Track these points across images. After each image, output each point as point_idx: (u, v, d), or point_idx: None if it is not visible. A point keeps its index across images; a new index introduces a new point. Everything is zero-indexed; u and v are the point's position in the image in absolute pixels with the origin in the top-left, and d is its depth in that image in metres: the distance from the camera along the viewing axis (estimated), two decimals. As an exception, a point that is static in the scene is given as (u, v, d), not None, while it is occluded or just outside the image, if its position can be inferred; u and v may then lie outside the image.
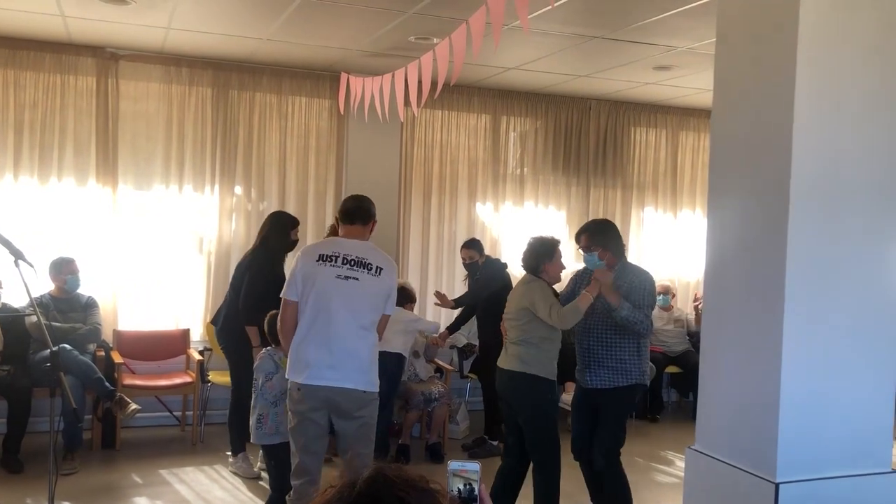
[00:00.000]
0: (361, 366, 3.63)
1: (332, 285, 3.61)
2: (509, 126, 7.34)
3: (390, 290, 3.73)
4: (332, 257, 3.65)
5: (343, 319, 3.60)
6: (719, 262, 2.56)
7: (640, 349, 4.10)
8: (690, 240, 7.77)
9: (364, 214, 3.78)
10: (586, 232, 4.25)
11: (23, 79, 5.89)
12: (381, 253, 3.78)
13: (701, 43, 5.17)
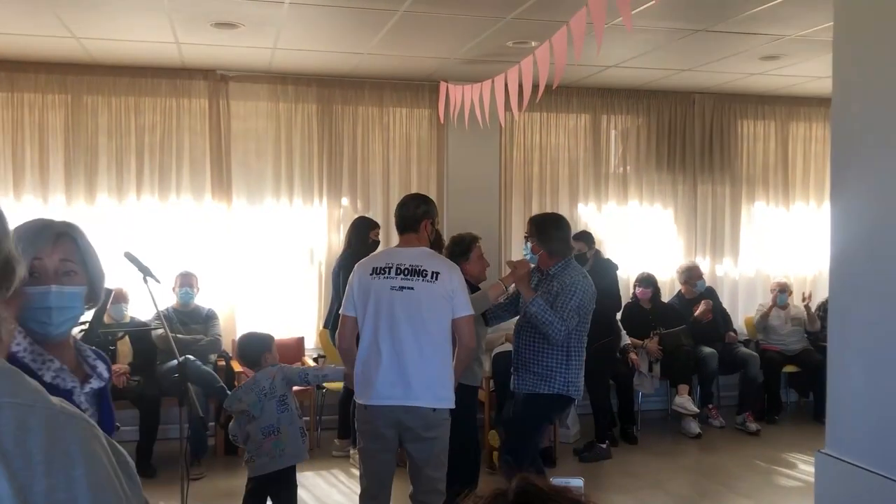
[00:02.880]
0: (429, 381, 3.41)
1: (388, 298, 3.45)
2: (610, 124, 7.25)
3: (452, 292, 3.45)
4: (385, 269, 3.50)
5: (403, 332, 3.43)
6: (845, 257, 2.46)
7: (568, 358, 3.87)
8: (805, 234, 7.46)
9: (410, 222, 3.60)
10: (530, 222, 4.23)
11: (142, 104, 6.23)
12: (438, 258, 3.62)
13: (811, 30, 4.97)
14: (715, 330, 6.86)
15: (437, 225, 3.88)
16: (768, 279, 7.42)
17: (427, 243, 3.64)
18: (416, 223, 3.59)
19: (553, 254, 3.99)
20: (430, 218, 3.64)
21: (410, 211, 3.61)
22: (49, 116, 6.07)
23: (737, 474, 5.51)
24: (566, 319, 3.79)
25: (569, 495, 1.03)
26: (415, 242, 3.59)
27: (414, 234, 3.60)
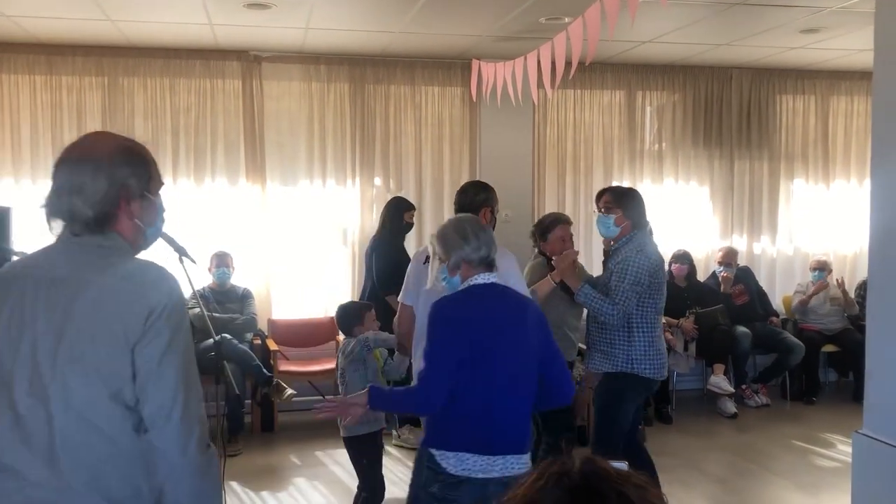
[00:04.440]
0: None
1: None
2: (645, 101, 7.15)
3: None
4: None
5: None
6: (885, 235, 2.40)
7: (630, 334, 3.75)
8: (846, 211, 7.31)
9: (469, 209, 3.60)
10: (609, 192, 4.03)
11: (177, 85, 6.28)
12: None
13: (852, 1, 4.84)
14: (752, 309, 6.78)
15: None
16: (807, 257, 7.29)
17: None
18: (476, 210, 3.59)
19: (635, 225, 3.88)
20: (490, 205, 3.65)
21: (469, 198, 3.64)
22: (87, 99, 6.16)
23: (773, 454, 5.46)
24: (618, 302, 3.70)
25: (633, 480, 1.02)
26: None
27: None
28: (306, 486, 4.96)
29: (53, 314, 1.66)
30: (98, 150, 1.75)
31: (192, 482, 1.68)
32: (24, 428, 1.65)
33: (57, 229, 1.75)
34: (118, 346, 1.63)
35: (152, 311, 1.65)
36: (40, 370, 1.64)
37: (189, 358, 1.71)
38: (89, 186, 1.70)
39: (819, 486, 4.86)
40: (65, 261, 1.72)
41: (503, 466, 2.49)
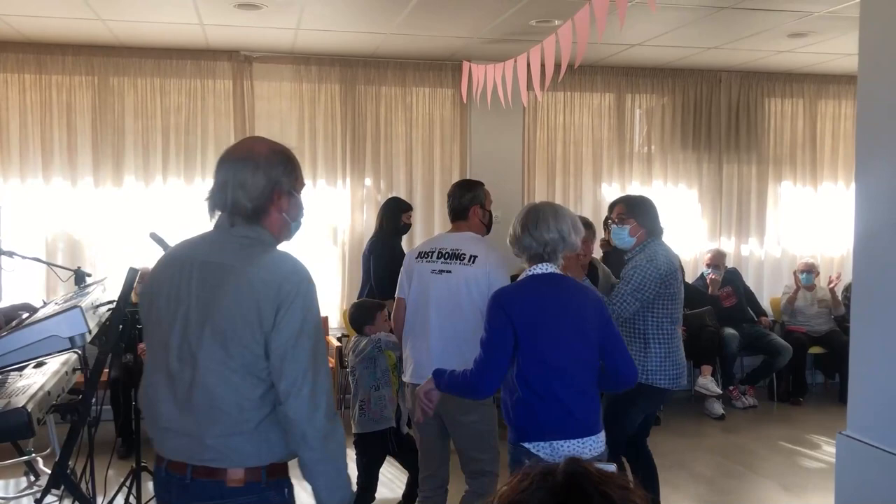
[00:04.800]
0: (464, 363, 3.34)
1: (429, 281, 3.55)
2: (634, 104, 7.18)
3: (488, 275, 3.44)
4: (429, 254, 3.60)
5: (440, 315, 3.49)
6: (870, 237, 2.43)
7: (646, 346, 3.72)
8: (833, 214, 7.37)
9: (459, 211, 3.66)
10: (622, 203, 3.97)
11: (167, 85, 6.28)
12: (480, 241, 3.61)
13: (840, 6, 4.88)
14: (740, 311, 6.82)
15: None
16: (795, 260, 7.35)
17: (479, 227, 3.69)
18: (465, 211, 3.66)
19: (650, 232, 3.84)
20: (478, 203, 3.68)
21: (456, 201, 3.68)
22: (76, 98, 6.15)
23: (760, 455, 5.50)
24: (614, 303, 3.68)
25: (617, 481, 1.03)
26: (463, 228, 3.66)
27: (463, 221, 3.67)
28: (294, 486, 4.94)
29: (203, 292, 1.95)
30: (257, 152, 2.04)
31: (319, 448, 1.93)
32: (174, 385, 1.97)
33: (216, 220, 2.07)
34: (253, 328, 1.89)
35: (284, 300, 1.90)
36: (189, 339, 1.94)
37: (318, 339, 1.96)
38: (250, 182, 1.99)
39: (805, 487, 4.90)
40: (218, 248, 2.01)
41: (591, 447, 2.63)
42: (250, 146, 2.10)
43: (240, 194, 1.99)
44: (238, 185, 1.99)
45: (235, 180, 2.00)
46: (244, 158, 2.03)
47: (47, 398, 3.20)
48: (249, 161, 2.02)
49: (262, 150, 2.05)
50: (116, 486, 4.08)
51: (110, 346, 3.39)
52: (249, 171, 2.01)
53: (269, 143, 2.11)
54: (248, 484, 1.94)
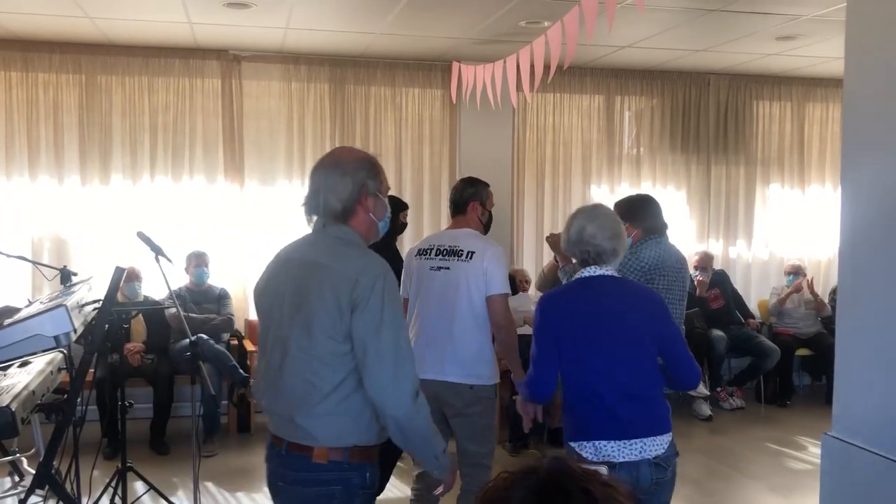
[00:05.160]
0: (465, 359, 3.47)
1: (427, 278, 3.60)
2: (624, 105, 7.20)
3: (485, 271, 3.49)
4: (428, 251, 3.65)
5: (439, 311, 3.53)
6: (855, 240, 2.44)
7: None
8: (821, 216, 7.41)
9: (458, 204, 3.72)
10: (616, 207, 3.84)
11: (155, 84, 6.25)
12: (477, 237, 3.64)
13: (828, 10, 4.91)
14: (727, 313, 6.85)
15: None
16: (782, 262, 7.38)
17: (476, 224, 3.72)
18: (464, 205, 3.70)
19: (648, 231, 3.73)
20: (478, 199, 3.72)
21: (458, 194, 3.74)
22: (63, 96, 6.11)
23: (747, 456, 5.52)
24: None
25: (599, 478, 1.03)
26: (462, 224, 3.70)
27: (462, 216, 3.71)
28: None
29: (298, 286, 2.18)
30: (344, 159, 2.27)
31: (403, 427, 2.13)
32: (276, 370, 2.21)
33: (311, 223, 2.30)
34: (334, 318, 2.09)
35: (361, 293, 2.09)
36: (283, 329, 2.19)
37: (398, 326, 2.13)
38: (339, 186, 2.21)
39: (791, 488, 4.92)
40: (313, 247, 2.25)
41: (641, 449, 2.61)
42: (338, 155, 2.33)
43: (330, 198, 2.21)
44: (328, 190, 2.21)
45: (326, 186, 2.22)
46: (333, 166, 2.25)
47: (32, 398, 3.18)
48: (338, 168, 2.24)
49: (348, 158, 2.28)
50: (102, 487, 4.05)
51: (96, 346, 3.37)
52: (338, 176, 2.22)
53: (355, 151, 2.36)
54: (331, 462, 2.16)
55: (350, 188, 2.21)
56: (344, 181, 2.21)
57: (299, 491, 2.19)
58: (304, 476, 2.18)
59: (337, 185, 2.21)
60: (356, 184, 2.22)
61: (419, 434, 2.16)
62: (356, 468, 2.18)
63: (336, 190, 2.21)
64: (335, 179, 2.22)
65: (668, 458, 2.66)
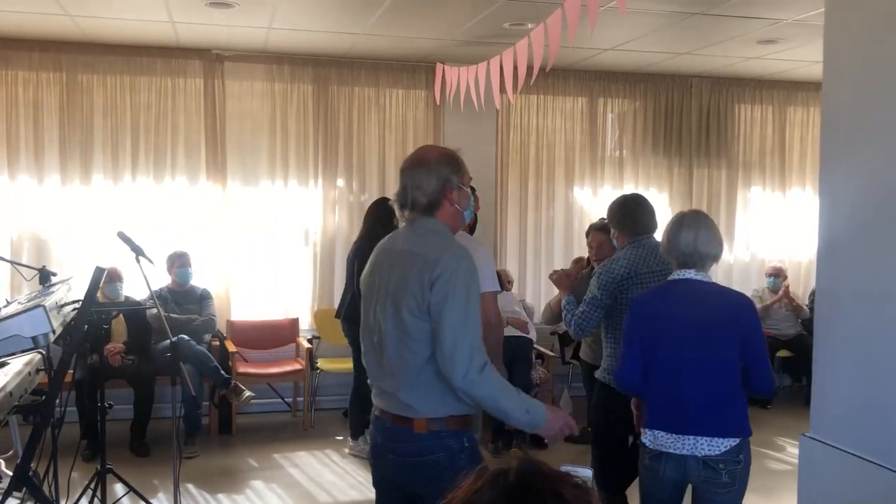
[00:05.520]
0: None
1: None
2: (607, 108, 7.23)
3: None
4: None
5: None
6: (833, 243, 2.46)
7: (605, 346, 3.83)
8: (801, 219, 7.47)
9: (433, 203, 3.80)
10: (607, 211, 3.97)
11: (137, 83, 6.21)
12: (464, 236, 3.54)
13: (808, 14, 4.95)
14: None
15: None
16: (763, 264, 7.44)
17: (465, 228, 3.69)
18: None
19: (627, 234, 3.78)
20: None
21: None
22: (44, 95, 6.06)
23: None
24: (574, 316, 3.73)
25: (571, 480, 1.03)
26: None
27: None
28: (263, 488, 4.93)
29: (391, 272, 2.43)
30: (428, 157, 2.48)
31: (470, 396, 2.31)
32: (375, 351, 2.47)
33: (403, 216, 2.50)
34: (418, 300, 2.32)
35: (438, 277, 2.30)
36: (378, 313, 2.44)
37: (466, 305, 2.32)
38: (425, 182, 2.42)
39: (771, 489, 4.95)
40: (405, 239, 2.48)
41: (693, 446, 2.74)
42: (423, 153, 2.54)
43: (417, 194, 2.43)
44: (415, 187, 2.43)
45: (413, 183, 2.44)
46: (418, 164, 2.47)
47: (9, 399, 3.15)
48: (423, 166, 2.45)
49: (432, 155, 2.49)
50: (80, 489, 4.02)
51: (75, 347, 3.34)
52: (424, 174, 2.43)
53: (439, 149, 2.60)
54: (430, 431, 2.37)
55: (435, 184, 2.43)
56: (429, 178, 2.43)
57: (406, 460, 2.41)
58: (408, 447, 2.40)
59: (423, 182, 2.43)
60: (440, 179, 2.43)
61: (488, 402, 2.35)
62: (454, 435, 2.40)
63: (422, 186, 2.43)
64: (421, 177, 2.43)
65: (724, 462, 2.72)
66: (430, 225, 2.46)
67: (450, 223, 2.50)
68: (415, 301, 2.32)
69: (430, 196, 2.43)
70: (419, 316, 2.33)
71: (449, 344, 2.28)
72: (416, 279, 2.33)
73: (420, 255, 2.37)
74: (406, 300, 2.34)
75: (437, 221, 2.46)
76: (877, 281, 2.26)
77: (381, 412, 2.50)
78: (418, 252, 2.38)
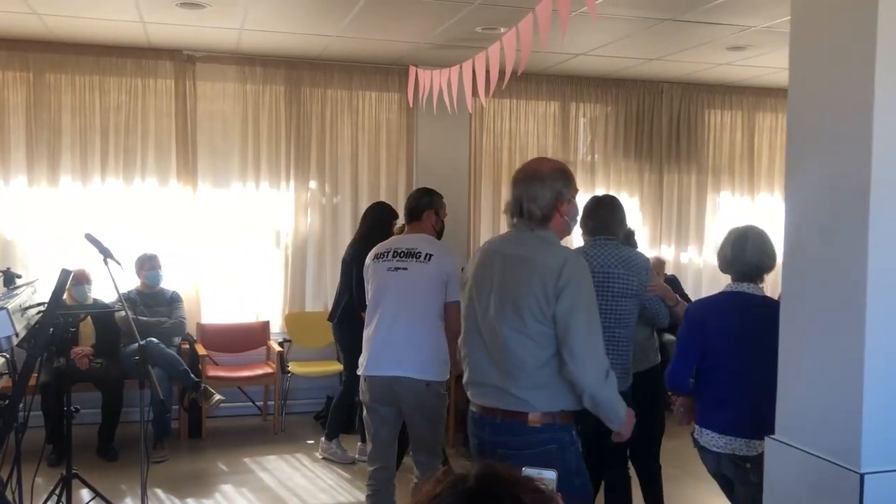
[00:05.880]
0: (419, 355, 3.63)
1: (385, 278, 3.74)
2: (579, 112, 7.28)
3: (447, 276, 3.68)
4: (385, 254, 3.80)
5: (396, 309, 3.68)
6: (797, 247, 2.50)
7: None
8: (769, 224, 7.53)
9: (414, 212, 3.91)
10: None
11: (107, 84, 6.14)
12: (435, 242, 3.84)
13: (777, 21, 5.02)
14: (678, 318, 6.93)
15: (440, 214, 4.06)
16: (732, 268, 7.51)
17: (431, 231, 3.92)
18: (419, 213, 3.90)
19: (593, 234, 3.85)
20: (433, 208, 3.94)
21: (414, 202, 3.95)
22: (10, 94, 5.96)
23: (693, 459, 5.57)
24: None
25: (531, 485, 1.04)
26: (417, 230, 3.89)
27: (417, 222, 3.91)
28: (233, 492, 4.89)
29: (505, 277, 2.60)
30: (543, 171, 2.65)
31: (595, 397, 2.51)
32: (485, 349, 2.64)
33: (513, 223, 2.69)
34: (541, 303, 2.51)
35: (564, 282, 2.49)
36: (495, 313, 2.60)
37: (591, 312, 2.54)
38: (539, 195, 2.60)
39: (739, 490, 5.00)
40: (517, 245, 2.65)
41: (727, 444, 3.05)
42: (537, 166, 2.71)
43: (532, 206, 2.61)
44: (530, 199, 2.61)
45: (528, 195, 2.62)
46: (533, 177, 2.64)
47: (-29, 403, 3.09)
48: (538, 179, 2.62)
49: (546, 169, 2.66)
50: (45, 495, 3.96)
51: (39, 350, 3.29)
52: (538, 187, 2.61)
53: (552, 162, 2.75)
54: (545, 425, 2.56)
55: (549, 197, 2.61)
56: (543, 191, 2.60)
57: (522, 453, 2.51)
58: (522, 439, 2.56)
59: (537, 195, 2.60)
60: (554, 193, 2.61)
61: (607, 404, 2.55)
62: (565, 428, 2.60)
63: (537, 199, 2.60)
64: (536, 189, 2.61)
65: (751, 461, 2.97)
66: (543, 234, 2.63)
67: (559, 232, 2.68)
68: (538, 306, 2.50)
69: (544, 209, 2.60)
70: (542, 321, 2.51)
71: (579, 351, 2.48)
72: (540, 286, 2.51)
73: (540, 263, 2.54)
74: (529, 305, 2.51)
75: (550, 231, 2.64)
76: (839, 285, 2.30)
77: (486, 410, 2.64)
78: (537, 259, 2.56)
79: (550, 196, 2.61)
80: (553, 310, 2.49)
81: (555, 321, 2.50)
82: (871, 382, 2.23)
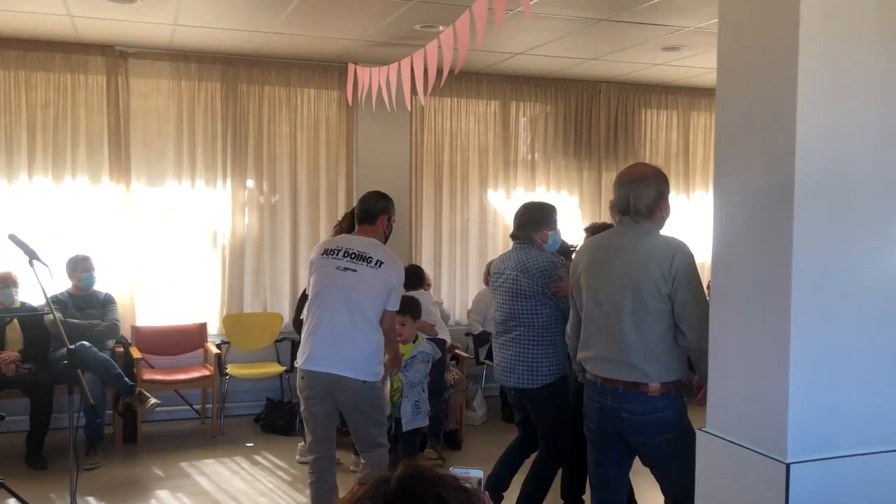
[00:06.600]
0: (358, 355, 3.71)
1: (332, 276, 3.78)
2: (519, 111, 7.32)
3: (392, 286, 3.80)
4: (335, 251, 3.83)
5: (340, 308, 3.73)
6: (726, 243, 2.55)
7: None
8: (704, 221, 7.73)
9: (368, 214, 3.94)
10: None
11: (34, 79, 5.94)
12: (385, 250, 3.89)
13: (709, 22, 5.12)
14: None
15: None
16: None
17: (381, 236, 3.96)
18: (374, 216, 3.94)
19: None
20: (388, 214, 3.98)
21: (370, 205, 3.97)
22: (-70, 90, 5.73)
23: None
24: None
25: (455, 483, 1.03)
26: (369, 233, 3.92)
27: (370, 225, 3.93)
28: (169, 498, 4.78)
29: (625, 264, 3.02)
30: (647, 173, 3.11)
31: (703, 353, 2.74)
32: (606, 328, 3.06)
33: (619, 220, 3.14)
34: (658, 285, 2.94)
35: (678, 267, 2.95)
36: (615, 297, 3.02)
37: (700, 291, 2.95)
38: (645, 194, 3.04)
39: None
40: (627, 238, 3.08)
41: None
42: (641, 169, 3.19)
43: (638, 203, 3.03)
44: (636, 197, 3.03)
45: (634, 193, 3.04)
46: (639, 178, 3.08)
47: None
48: (644, 180, 3.06)
49: (650, 172, 3.13)
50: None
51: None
52: (643, 186, 3.04)
53: (652, 166, 3.24)
54: (663, 393, 2.98)
55: (653, 195, 3.04)
56: (648, 190, 3.04)
57: (643, 417, 2.97)
58: (644, 405, 2.96)
59: (643, 194, 3.03)
60: (657, 192, 3.05)
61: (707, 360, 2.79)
62: (678, 396, 3.01)
63: (643, 197, 3.03)
64: (642, 189, 3.03)
65: None
66: (648, 227, 3.06)
67: (659, 226, 3.11)
68: (656, 287, 2.92)
69: (648, 206, 3.03)
70: (660, 300, 2.92)
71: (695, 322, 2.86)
72: (657, 270, 2.92)
73: (652, 251, 2.99)
74: (648, 287, 2.92)
75: (652, 224, 3.06)
76: (764, 279, 2.35)
77: (605, 379, 3.05)
78: (650, 248, 3.00)
79: (654, 194, 3.03)
80: (669, 290, 2.91)
81: (672, 300, 2.91)
82: (796, 376, 2.29)
